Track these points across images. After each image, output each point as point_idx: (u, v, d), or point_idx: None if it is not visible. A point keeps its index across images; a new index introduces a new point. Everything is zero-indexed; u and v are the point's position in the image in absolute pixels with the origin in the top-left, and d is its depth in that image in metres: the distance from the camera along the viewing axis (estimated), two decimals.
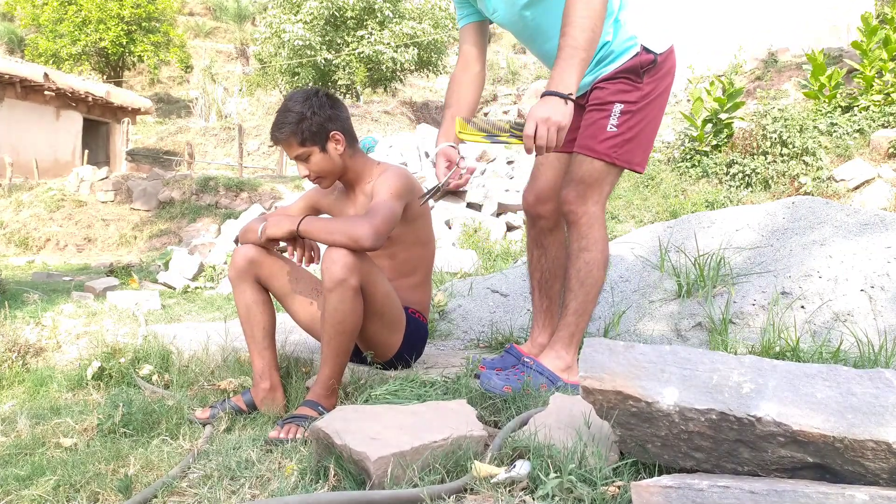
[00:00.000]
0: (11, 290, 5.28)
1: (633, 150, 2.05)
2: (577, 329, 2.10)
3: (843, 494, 1.07)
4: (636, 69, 2.01)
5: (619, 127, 2.01)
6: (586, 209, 2.05)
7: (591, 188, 2.05)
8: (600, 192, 2.06)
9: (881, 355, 2.22)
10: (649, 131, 2.08)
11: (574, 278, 2.08)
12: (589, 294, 2.08)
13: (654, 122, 2.09)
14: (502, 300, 3.29)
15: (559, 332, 2.12)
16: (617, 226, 8.88)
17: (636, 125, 2.03)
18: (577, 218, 2.06)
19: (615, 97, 2.02)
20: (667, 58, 2.05)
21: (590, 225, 2.05)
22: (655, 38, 2.03)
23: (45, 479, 1.65)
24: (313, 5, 18.73)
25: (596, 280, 2.08)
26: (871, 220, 3.03)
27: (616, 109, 2.01)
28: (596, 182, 2.05)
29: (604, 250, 2.08)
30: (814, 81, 10.48)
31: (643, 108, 2.03)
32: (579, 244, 2.06)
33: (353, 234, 1.96)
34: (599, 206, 2.07)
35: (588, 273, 2.06)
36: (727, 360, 1.32)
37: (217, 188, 12.52)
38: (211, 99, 22.24)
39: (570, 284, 2.09)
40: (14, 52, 24.59)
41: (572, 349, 2.11)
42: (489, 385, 2.00)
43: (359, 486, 1.46)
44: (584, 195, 2.05)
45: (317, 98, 2.15)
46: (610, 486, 1.30)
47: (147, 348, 2.76)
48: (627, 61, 2.02)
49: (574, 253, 2.08)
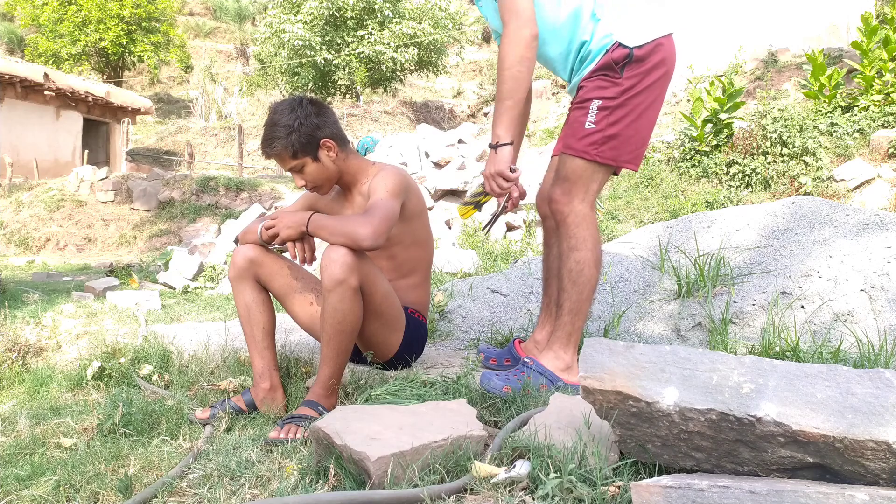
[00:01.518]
0: (11, 290, 5.28)
1: (619, 146, 2.03)
2: (573, 328, 2.11)
3: (843, 494, 1.07)
4: (611, 65, 2.00)
5: (597, 123, 2.01)
6: (572, 208, 2.06)
7: (576, 186, 2.06)
8: (586, 190, 2.06)
9: (881, 355, 2.22)
10: (638, 126, 2.05)
11: (566, 278, 2.09)
12: (582, 293, 2.08)
13: (643, 117, 2.05)
14: (502, 300, 3.29)
15: (556, 333, 2.13)
16: (617, 226, 8.89)
17: (619, 120, 2.01)
18: (564, 217, 2.08)
19: (593, 94, 2.02)
20: (651, 52, 2.01)
21: (577, 224, 2.06)
22: (633, 32, 2.01)
23: (45, 479, 1.65)
24: (313, 5, 18.73)
25: (588, 278, 2.08)
26: (871, 220, 3.03)
27: (593, 106, 2.01)
28: (580, 179, 2.05)
29: (594, 248, 2.08)
30: (814, 81, 10.48)
31: (625, 103, 2.01)
32: (569, 243, 2.08)
33: (353, 233, 1.96)
34: (587, 205, 2.08)
35: (579, 272, 2.07)
36: (727, 360, 1.32)
37: (217, 188, 12.53)
38: (211, 99, 22.24)
39: (563, 284, 2.10)
40: (14, 52, 24.60)
41: (570, 348, 2.11)
42: (489, 385, 2.00)
43: (359, 486, 1.46)
44: (570, 193, 2.06)
45: (302, 108, 2.14)
46: (610, 486, 1.30)
47: (147, 348, 2.77)
48: (603, 57, 2.01)
49: (564, 252, 2.09)
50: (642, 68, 2.00)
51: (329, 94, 21.05)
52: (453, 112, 23.33)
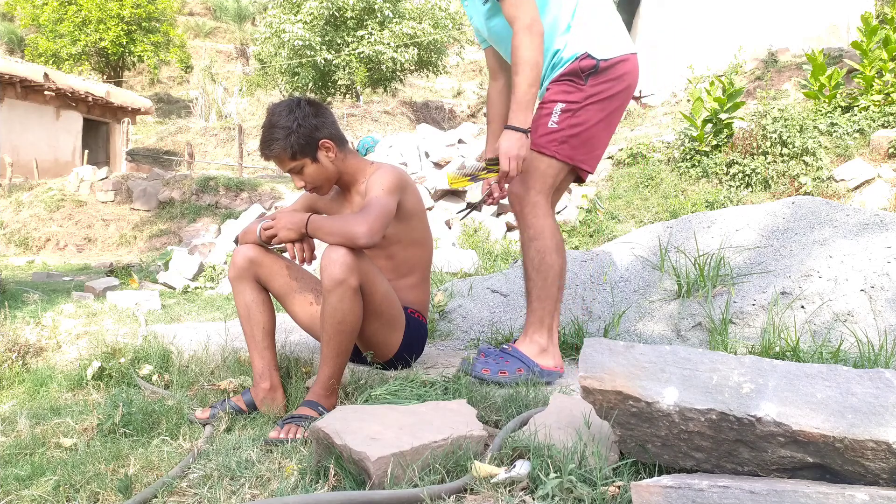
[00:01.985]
0: (11, 290, 5.28)
1: (577, 146, 2.18)
2: (544, 313, 2.22)
3: (843, 494, 1.07)
4: (577, 72, 2.16)
5: (559, 124, 2.16)
6: (529, 198, 2.19)
7: (533, 178, 2.18)
8: (542, 182, 2.19)
9: (881, 355, 2.22)
10: (596, 132, 2.20)
11: (530, 267, 2.22)
12: (547, 279, 2.20)
13: (601, 124, 2.20)
14: (502, 300, 3.29)
15: (529, 319, 2.25)
16: (617, 226, 8.89)
17: (580, 123, 2.16)
18: (521, 208, 2.20)
19: (557, 97, 2.18)
20: (616, 65, 2.17)
21: (534, 214, 2.19)
22: (601, 46, 2.18)
23: (46, 479, 1.65)
24: (313, 5, 18.72)
25: (550, 265, 2.20)
26: (871, 220, 3.03)
27: (557, 108, 2.16)
28: (537, 172, 2.18)
29: (553, 236, 2.20)
30: (814, 81, 10.48)
31: (587, 108, 2.16)
32: (528, 234, 2.21)
33: (349, 232, 1.96)
34: (542, 196, 2.20)
35: (541, 260, 2.19)
36: (727, 360, 1.32)
37: (217, 188, 12.52)
38: (211, 99, 22.23)
39: (528, 274, 2.23)
40: (14, 52, 24.60)
41: (544, 332, 2.22)
42: (472, 371, 2.15)
43: (359, 485, 1.46)
44: (527, 184, 2.19)
45: (300, 109, 2.14)
46: (610, 486, 1.30)
47: (147, 348, 2.77)
48: (570, 64, 2.17)
49: (525, 243, 2.22)
50: (606, 79, 2.17)
51: (329, 95, 21.05)
52: (453, 112, 23.33)
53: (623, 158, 11.03)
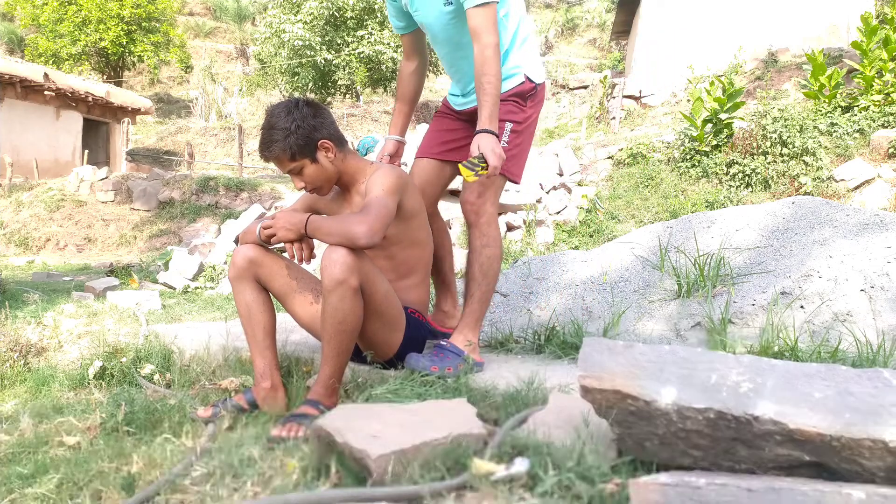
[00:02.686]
0: (12, 290, 5.28)
1: (518, 163, 2.41)
2: (481, 314, 2.42)
3: (840, 493, 1.08)
4: (523, 94, 2.38)
5: (509, 143, 2.35)
6: (486, 209, 2.37)
7: (489, 191, 2.37)
8: (496, 196, 2.40)
9: (880, 355, 2.23)
10: (526, 147, 2.44)
11: (479, 270, 2.39)
12: (490, 283, 2.41)
13: (529, 140, 2.46)
14: (502, 300, 3.30)
15: (466, 318, 2.39)
16: (617, 226, 8.90)
17: (522, 142, 2.40)
18: (478, 219, 2.38)
19: (506, 116, 2.34)
20: (541, 90, 2.43)
21: (489, 224, 2.38)
22: (535, 71, 2.41)
23: (49, 478, 1.66)
24: (313, 5, 18.72)
25: (496, 272, 2.42)
26: (871, 220, 3.04)
27: (508, 127, 2.35)
28: (492, 186, 2.37)
29: (500, 246, 2.43)
30: (814, 81, 10.49)
31: (527, 128, 2.41)
32: (482, 241, 2.38)
33: (349, 233, 1.97)
34: (495, 209, 2.41)
35: (490, 266, 2.39)
36: (726, 360, 1.33)
37: (217, 188, 12.52)
38: (211, 99, 22.24)
39: (474, 275, 2.39)
40: (14, 52, 24.59)
41: (476, 331, 2.42)
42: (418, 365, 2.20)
43: (360, 483, 1.47)
44: (483, 196, 2.37)
45: (298, 110, 2.15)
46: (608, 484, 1.31)
47: (148, 348, 2.77)
48: (516, 86, 2.36)
49: (477, 249, 2.39)
50: (536, 101, 2.43)
51: (329, 95, 21.04)
52: None
53: (623, 158, 11.04)
